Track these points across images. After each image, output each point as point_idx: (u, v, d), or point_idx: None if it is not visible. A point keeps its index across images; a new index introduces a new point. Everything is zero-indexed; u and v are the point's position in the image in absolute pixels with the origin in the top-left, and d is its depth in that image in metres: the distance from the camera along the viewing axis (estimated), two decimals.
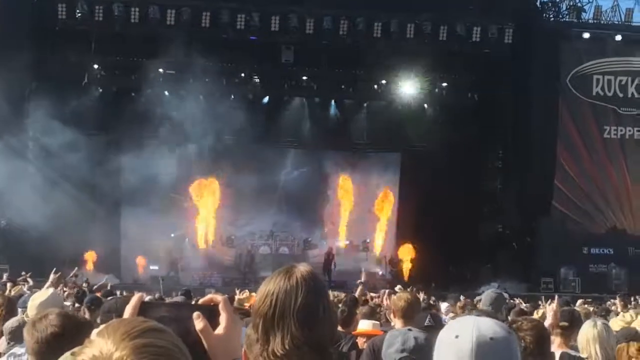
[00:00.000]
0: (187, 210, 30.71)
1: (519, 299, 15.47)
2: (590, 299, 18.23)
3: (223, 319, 1.87)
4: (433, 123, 32.00)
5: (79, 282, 17.90)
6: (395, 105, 32.05)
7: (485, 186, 32.22)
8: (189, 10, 27.97)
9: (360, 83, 32.03)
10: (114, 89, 30.66)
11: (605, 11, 30.65)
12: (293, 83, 31.88)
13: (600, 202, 30.34)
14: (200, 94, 29.13)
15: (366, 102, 32.70)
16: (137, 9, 27.81)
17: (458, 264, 30.89)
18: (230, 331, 1.87)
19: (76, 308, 8.66)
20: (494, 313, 7.26)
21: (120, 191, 29.82)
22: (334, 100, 32.70)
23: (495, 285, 23.27)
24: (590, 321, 5.58)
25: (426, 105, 32.70)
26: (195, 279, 29.11)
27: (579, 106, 30.36)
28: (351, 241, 32.70)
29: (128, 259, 29.81)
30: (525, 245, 29.93)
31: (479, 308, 9.00)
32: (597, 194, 30.32)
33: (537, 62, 29.57)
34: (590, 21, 30.71)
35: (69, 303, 9.19)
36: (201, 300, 1.98)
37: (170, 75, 29.38)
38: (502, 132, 31.33)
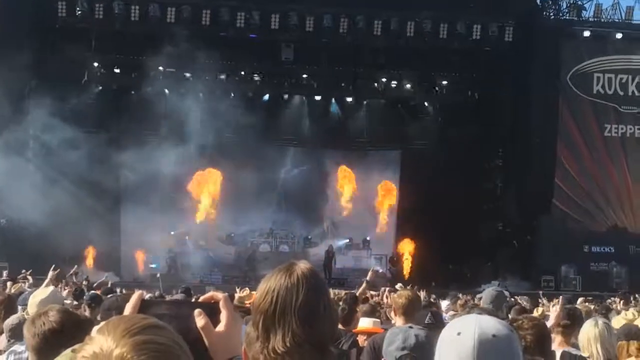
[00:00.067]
0: (187, 208, 30.71)
1: (525, 297, 15.39)
2: (591, 297, 18.20)
3: (223, 316, 1.87)
4: (433, 121, 32.02)
5: (79, 280, 17.92)
6: (396, 104, 32.06)
7: (485, 184, 32.22)
8: (189, 8, 27.98)
9: (360, 81, 32.02)
10: (114, 86, 30.68)
11: (606, 9, 30.68)
12: (293, 81, 31.88)
13: (600, 201, 30.33)
14: (200, 92, 29.14)
15: (366, 100, 32.69)
16: (138, 7, 27.82)
17: (458, 263, 30.91)
18: (231, 329, 1.86)
19: (75, 305, 8.65)
20: (494, 311, 7.25)
21: (120, 189, 29.85)
22: (334, 98, 32.70)
23: (496, 283, 23.27)
24: (592, 320, 5.58)
25: (426, 103, 32.72)
26: (196, 277, 29.11)
27: (580, 104, 30.35)
28: (351, 239, 32.72)
29: (128, 257, 29.83)
30: (525, 243, 29.94)
31: (479, 306, 8.98)
32: (598, 192, 30.31)
33: (538, 60, 29.56)
34: (590, 19, 30.70)
35: (69, 301, 9.19)
36: (202, 297, 1.98)
37: (170, 73, 29.38)
38: (503, 130, 31.31)
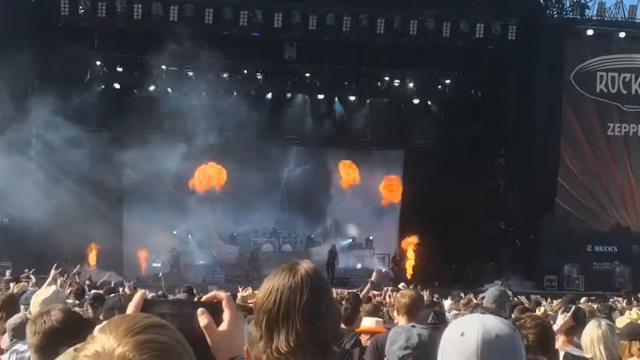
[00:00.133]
0: (190, 206, 30.74)
1: (533, 297, 15.36)
2: (594, 297, 18.20)
3: (226, 315, 1.86)
4: (436, 120, 32.01)
5: (82, 280, 17.94)
6: (399, 102, 32.05)
7: (488, 183, 32.21)
8: (192, 7, 27.99)
9: (363, 80, 32.02)
10: (117, 85, 30.70)
11: (609, 8, 30.64)
12: (296, 80, 31.89)
13: (604, 200, 30.29)
14: (203, 91, 29.14)
15: (369, 99, 32.67)
16: (140, 6, 27.83)
17: (461, 262, 30.92)
18: (233, 328, 1.86)
19: (77, 304, 8.65)
20: (497, 310, 7.24)
21: (122, 187, 29.89)
22: (337, 97, 32.70)
23: (499, 283, 23.26)
24: (595, 321, 5.56)
25: (429, 102, 32.70)
26: (198, 276, 29.13)
27: (583, 103, 30.31)
28: (354, 238, 32.74)
29: (130, 256, 29.86)
30: (528, 243, 29.92)
31: (482, 306, 8.97)
32: (601, 192, 30.28)
33: (541, 59, 29.53)
34: (594, 18, 30.67)
35: (71, 300, 9.19)
36: (204, 297, 1.97)
37: (173, 72, 29.40)
38: (506, 129, 31.29)
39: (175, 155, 28.72)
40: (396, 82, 31.77)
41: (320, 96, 32.47)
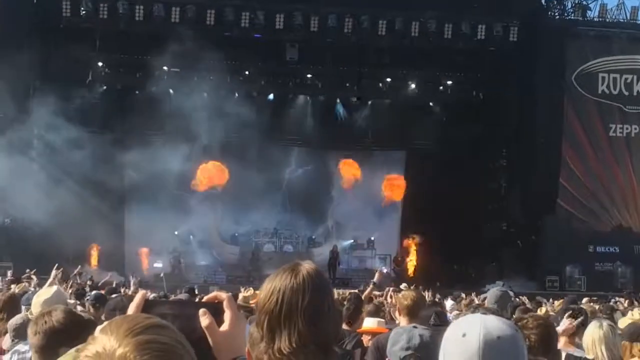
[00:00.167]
0: (192, 207, 30.76)
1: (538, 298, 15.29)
2: (596, 297, 18.17)
3: (227, 316, 1.86)
4: (438, 121, 31.99)
5: (83, 280, 17.95)
6: (400, 104, 32.03)
7: (490, 184, 32.20)
8: (194, 8, 28.00)
9: (364, 81, 32.02)
10: (119, 86, 30.72)
11: (611, 9, 30.64)
12: (297, 81, 31.90)
13: (605, 201, 30.28)
14: (205, 92, 29.16)
15: (371, 100, 32.67)
16: (142, 7, 27.84)
17: (463, 263, 30.91)
18: (235, 329, 1.86)
19: (78, 304, 8.65)
20: (499, 311, 7.23)
21: (124, 188, 29.91)
22: (339, 98, 32.71)
23: (500, 283, 23.23)
24: (596, 322, 5.55)
25: (431, 104, 32.70)
26: (200, 277, 29.14)
27: (585, 104, 30.30)
28: (356, 239, 32.74)
29: (132, 256, 29.88)
30: (530, 243, 29.90)
31: (484, 306, 8.97)
32: (603, 192, 30.26)
33: (543, 60, 29.53)
34: (595, 19, 30.67)
35: (72, 301, 9.19)
36: (205, 297, 1.97)
37: (174, 73, 29.41)
38: (507, 130, 31.28)
39: (177, 156, 28.72)
40: (398, 84, 31.77)
41: (322, 97, 32.49)
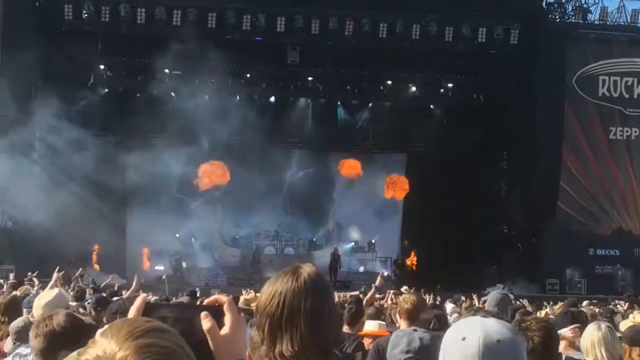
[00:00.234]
0: (193, 209, 30.78)
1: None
2: (596, 301, 18.16)
3: (228, 319, 1.86)
4: (438, 124, 31.96)
5: (85, 282, 17.94)
6: (401, 106, 32.00)
7: (490, 187, 32.16)
8: (195, 11, 27.99)
9: (365, 84, 32.01)
10: (120, 89, 30.71)
11: (611, 12, 30.62)
12: (298, 84, 31.89)
13: (606, 203, 30.26)
14: (206, 95, 29.16)
15: (371, 103, 32.67)
16: (144, 10, 27.84)
17: (463, 266, 30.81)
18: (235, 332, 1.86)
19: (79, 305, 8.65)
20: (499, 314, 7.23)
21: (125, 191, 29.88)
22: (340, 101, 32.70)
23: (501, 286, 23.21)
24: (594, 324, 5.54)
25: (432, 106, 32.68)
26: (201, 279, 29.13)
27: (585, 107, 30.28)
28: (357, 241, 32.73)
29: (133, 259, 29.86)
30: (530, 246, 29.86)
31: (484, 309, 8.97)
32: (603, 195, 30.24)
33: (543, 63, 29.51)
34: (596, 22, 30.66)
35: (74, 303, 9.18)
36: (206, 300, 1.97)
37: (176, 76, 29.39)
38: (508, 133, 31.26)
39: (179, 158, 28.75)
40: (398, 86, 31.75)
41: (323, 100, 32.49)
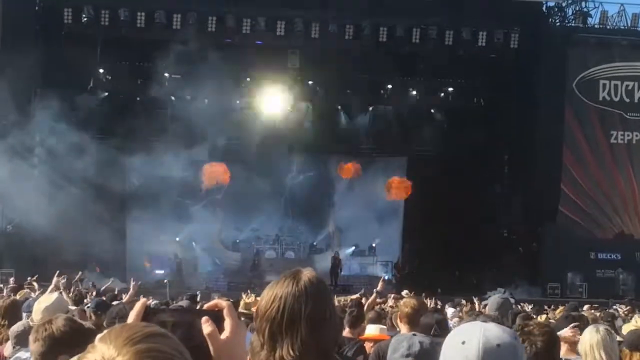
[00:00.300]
0: (193, 213, 30.79)
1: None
2: (597, 305, 18.14)
3: (227, 324, 1.86)
4: (439, 127, 31.99)
5: (85, 286, 17.92)
6: (401, 110, 32.02)
7: (491, 191, 32.14)
8: (195, 15, 28.02)
9: (365, 87, 31.99)
10: (120, 93, 30.69)
11: (612, 16, 30.65)
12: (299, 87, 31.86)
13: (607, 207, 30.26)
14: (206, 98, 29.16)
15: (372, 107, 32.66)
16: (143, 14, 27.86)
17: (464, 269, 30.82)
18: (235, 336, 1.85)
19: (80, 310, 8.63)
20: (499, 318, 7.23)
21: (125, 194, 29.89)
22: (340, 105, 32.68)
23: (502, 290, 23.20)
24: (592, 327, 5.54)
25: (432, 110, 32.68)
26: (201, 283, 29.09)
27: (586, 111, 30.30)
28: (357, 245, 32.72)
29: (133, 262, 29.84)
30: (531, 250, 29.87)
31: (485, 313, 8.96)
32: (604, 199, 30.25)
33: (544, 67, 29.52)
34: (596, 26, 30.70)
35: (74, 307, 9.17)
36: (206, 305, 1.97)
37: (176, 80, 29.40)
38: (508, 137, 31.27)
39: (179, 162, 28.76)
40: (399, 90, 31.76)
41: (323, 104, 32.46)
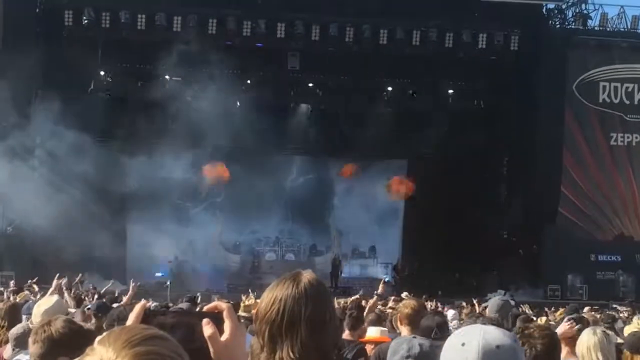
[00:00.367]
0: (193, 215, 30.80)
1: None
2: (597, 307, 18.14)
3: (227, 326, 1.86)
4: (439, 130, 31.95)
5: (85, 288, 17.92)
6: (401, 112, 32.02)
7: (491, 193, 32.16)
8: (196, 17, 28.03)
9: (366, 90, 32.00)
10: (120, 95, 30.69)
11: (612, 18, 30.66)
12: (299, 90, 31.89)
13: (607, 209, 30.27)
14: (206, 101, 29.15)
15: (372, 109, 32.63)
16: (144, 16, 27.87)
17: (464, 272, 30.82)
18: (236, 338, 1.85)
19: (81, 311, 8.63)
20: (500, 320, 7.23)
21: (125, 196, 29.87)
22: (340, 107, 32.67)
23: (502, 292, 23.21)
24: (590, 330, 5.55)
25: (432, 112, 32.66)
26: (201, 285, 29.07)
27: (586, 113, 30.31)
28: (358, 247, 32.72)
29: (133, 264, 29.83)
30: (531, 252, 29.85)
31: (485, 315, 8.96)
32: (604, 201, 30.25)
33: (543, 69, 29.53)
34: (596, 28, 30.70)
35: (74, 310, 9.17)
36: (205, 307, 1.97)
37: (176, 82, 29.41)
38: (508, 139, 31.28)
39: (179, 164, 28.77)
40: (399, 92, 31.76)
41: (323, 106, 32.47)
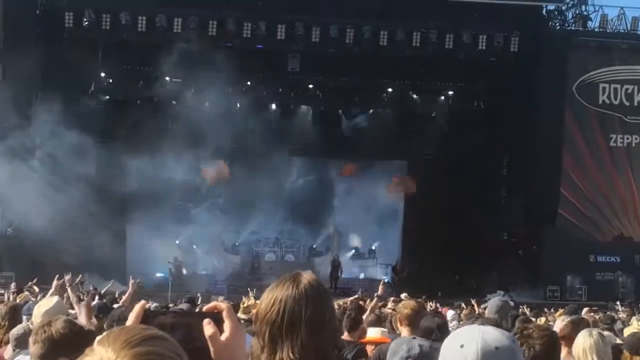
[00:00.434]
0: (193, 216, 30.81)
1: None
2: (597, 307, 18.15)
3: (227, 326, 1.86)
4: (439, 131, 31.99)
5: (85, 289, 17.90)
6: (401, 113, 32.03)
7: (490, 194, 32.15)
8: (196, 19, 28.03)
9: (366, 91, 32.00)
10: (121, 96, 30.71)
11: (612, 20, 30.65)
12: (299, 91, 31.89)
13: (606, 210, 30.27)
14: (207, 102, 29.17)
15: (372, 110, 32.68)
16: (144, 18, 27.88)
17: (464, 273, 30.81)
18: (235, 339, 1.86)
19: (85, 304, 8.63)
20: (499, 321, 7.24)
21: (126, 197, 29.86)
22: (340, 109, 32.71)
23: (501, 293, 23.20)
24: (585, 331, 5.56)
25: (432, 113, 32.69)
26: (201, 286, 29.08)
27: (585, 114, 30.31)
28: (357, 248, 32.72)
29: (133, 265, 29.81)
30: (531, 253, 29.86)
31: (484, 316, 8.97)
32: (604, 202, 30.26)
33: (543, 71, 29.53)
34: (596, 29, 30.70)
35: (74, 310, 9.17)
36: (205, 307, 1.97)
37: (177, 83, 29.41)
38: (508, 140, 31.28)
39: (179, 165, 28.76)
40: (399, 94, 31.76)
41: (323, 107, 32.48)
